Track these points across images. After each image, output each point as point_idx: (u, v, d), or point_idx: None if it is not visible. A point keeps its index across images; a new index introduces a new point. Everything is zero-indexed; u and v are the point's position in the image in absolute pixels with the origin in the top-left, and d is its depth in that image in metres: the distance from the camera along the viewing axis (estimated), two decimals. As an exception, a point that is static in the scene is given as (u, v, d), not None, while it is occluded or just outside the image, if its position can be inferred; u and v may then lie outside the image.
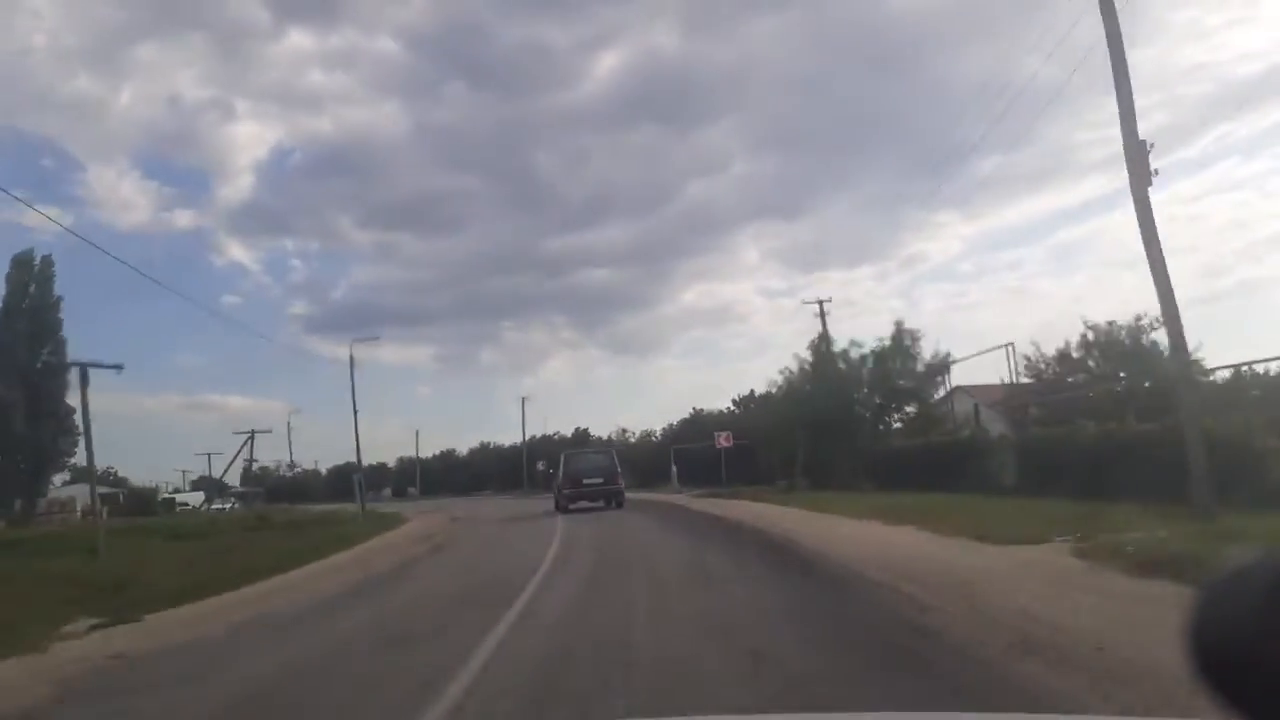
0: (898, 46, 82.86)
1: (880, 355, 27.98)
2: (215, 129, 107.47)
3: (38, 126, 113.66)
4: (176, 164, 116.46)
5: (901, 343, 27.88)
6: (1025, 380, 28.60)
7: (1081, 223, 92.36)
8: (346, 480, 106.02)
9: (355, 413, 40.46)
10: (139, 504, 62.59)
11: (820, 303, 33.21)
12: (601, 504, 28.30)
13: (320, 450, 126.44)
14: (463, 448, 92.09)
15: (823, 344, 30.39)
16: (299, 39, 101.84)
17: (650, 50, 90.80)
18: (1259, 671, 0.79)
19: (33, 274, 60.76)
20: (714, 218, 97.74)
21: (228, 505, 64.19)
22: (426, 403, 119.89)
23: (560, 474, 30.10)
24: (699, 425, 49.77)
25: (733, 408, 54.17)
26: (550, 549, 14.39)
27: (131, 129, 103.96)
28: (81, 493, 65.87)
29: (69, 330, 60.78)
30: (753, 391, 54.11)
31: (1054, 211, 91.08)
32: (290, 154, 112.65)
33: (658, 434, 59.62)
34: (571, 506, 27.69)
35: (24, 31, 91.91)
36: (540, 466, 59.03)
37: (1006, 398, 28.90)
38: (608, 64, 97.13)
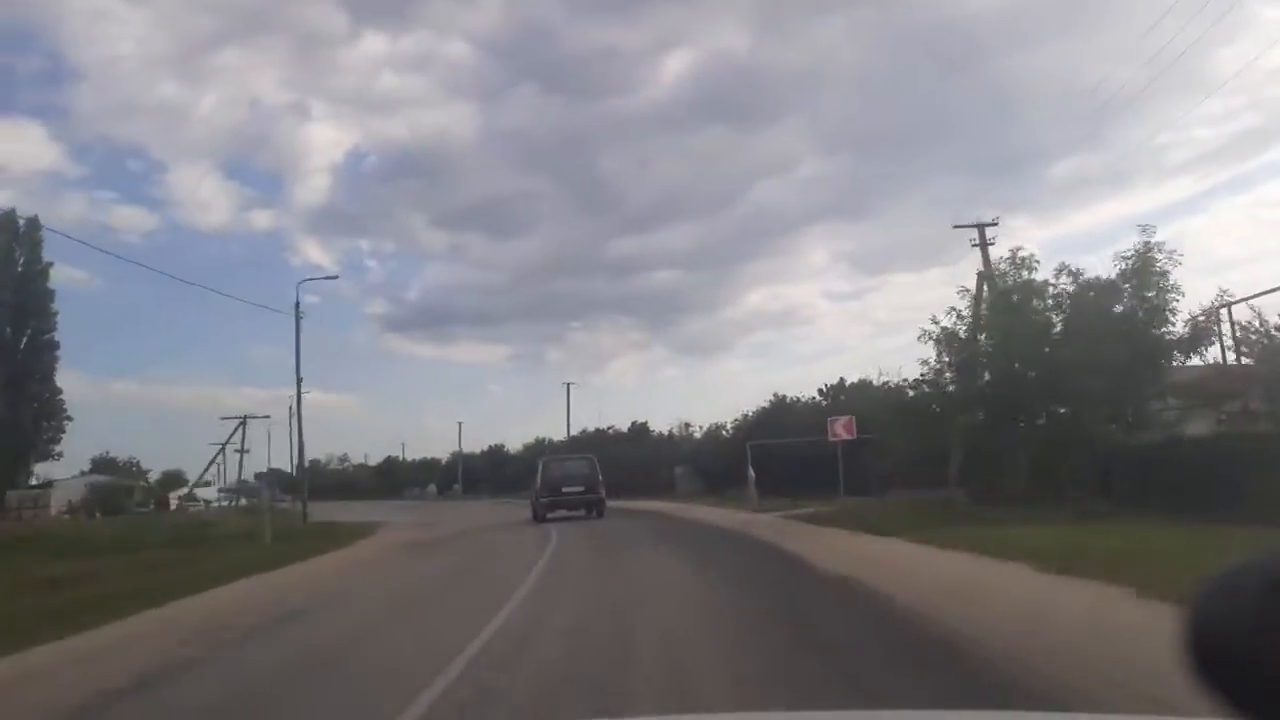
0: (968, 46, 79.94)
1: (1110, 289, 15.86)
2: (292, 132, 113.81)
3: (125, 131, 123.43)
4: (255, 166, 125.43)
5: (1150, 269, 15.56)
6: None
7: (1159, 227, 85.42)
8: (391, 475, 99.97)
9: (299, 381, 31.08)
10: (111, 500, 54.57)
11: (980, 226, 22.01)
12: (582, 513, 26.92)
13: (390, 443, 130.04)
14: (517, 443, 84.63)
15: (987, 282, 19.08)
16: (374, 43, 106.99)
17: (717, 52, 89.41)
18: (1256, 670, 0.78)
19: (17, 237, 53.02)
20: (780, 219, 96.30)
21: (223, 502, 55.17)
22: (495, 400, 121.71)
23: (539, 481, 28.26)
24: (782, 417, 38.95)
25: (819, 398, 43.22)
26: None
27: (213, 132, 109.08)
28: (64, 487, 58.42)
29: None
30: (843, 380, 43.26)
31: (1132, 215, 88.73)
32: (365, 156, 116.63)
33: (728, 427, 48.63)
34: (549, 516, 26.23)
35: (114, 39, 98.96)
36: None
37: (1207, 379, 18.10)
38: (675, 66, 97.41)
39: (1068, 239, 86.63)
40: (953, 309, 17.67)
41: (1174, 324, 15.66)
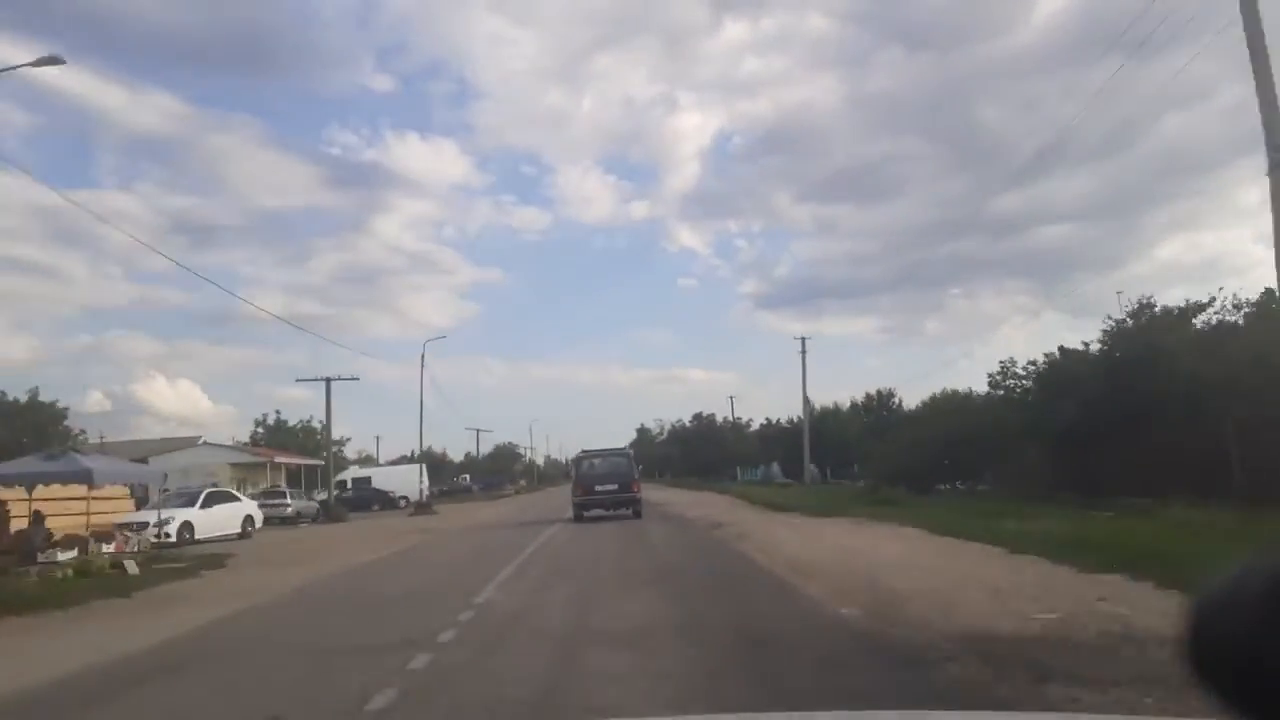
0: None
1: None
2: (662, 122, 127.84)
3: (520, 139, 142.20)
4: (631, 159, 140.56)
5: None
6: None
7: None
8: (685, 444, 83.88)
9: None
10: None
11: None
12: (628, 512, 25.90)
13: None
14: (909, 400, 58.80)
15: None
16: (734, 29, 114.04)
17: (1102, -33, 75.91)
18: (1257, 672, 0.77)
19: None
20: (1197, 155, 79.92)
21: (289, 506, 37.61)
22: (868, 373, 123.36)
23: (574, 479, 29.04)
24: None
25: None
26: None
27: (592, 132, 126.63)
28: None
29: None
30: None
31: None
32: (729, 139, 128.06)
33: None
34: (586, 514, 25.96)
35: (508, 58, 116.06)
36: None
37: None
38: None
39: None
40: None
41: None
